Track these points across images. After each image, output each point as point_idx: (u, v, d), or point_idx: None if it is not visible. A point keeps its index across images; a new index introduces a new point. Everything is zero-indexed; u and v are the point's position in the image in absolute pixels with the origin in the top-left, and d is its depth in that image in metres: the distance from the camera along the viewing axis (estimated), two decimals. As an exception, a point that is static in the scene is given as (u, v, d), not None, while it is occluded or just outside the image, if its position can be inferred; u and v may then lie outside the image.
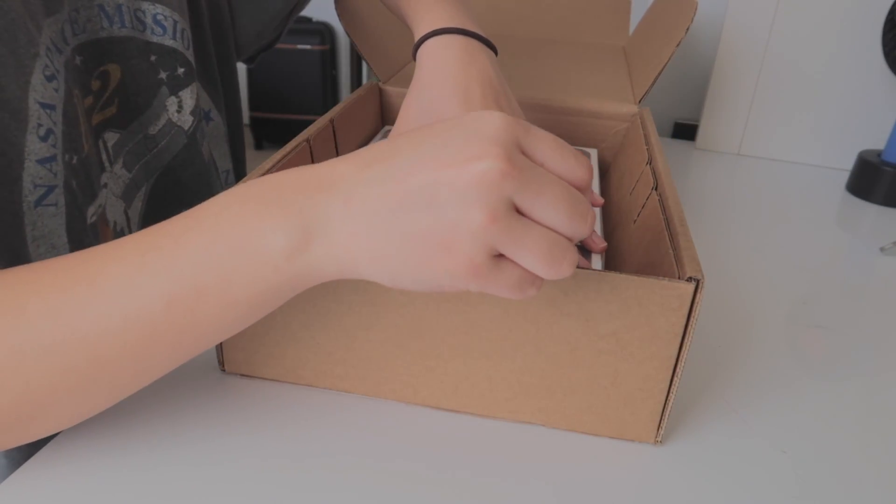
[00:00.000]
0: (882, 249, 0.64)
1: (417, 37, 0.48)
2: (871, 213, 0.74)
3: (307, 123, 0.51)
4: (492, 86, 0.45)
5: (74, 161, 0.43)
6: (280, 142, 2.38)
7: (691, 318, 0.32)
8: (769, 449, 0.38)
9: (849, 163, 0.83)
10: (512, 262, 0.27)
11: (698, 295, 0.32)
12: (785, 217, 0.71)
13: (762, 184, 0.81)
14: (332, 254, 0.27)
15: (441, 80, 0.45)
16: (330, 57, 2.28)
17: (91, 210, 0.46)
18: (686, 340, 0.33)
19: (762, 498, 0.35)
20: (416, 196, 0.26)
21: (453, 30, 0.47)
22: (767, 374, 0.45)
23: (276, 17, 0.60)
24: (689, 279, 0.31)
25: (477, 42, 0.47)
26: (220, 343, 0.39)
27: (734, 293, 0.55)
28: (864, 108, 0.83)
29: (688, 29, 0.57)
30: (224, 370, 0.40)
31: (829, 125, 0.85)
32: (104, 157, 0.49)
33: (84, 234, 0.45)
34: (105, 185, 0.49)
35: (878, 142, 0.83)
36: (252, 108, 2.37)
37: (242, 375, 0.40)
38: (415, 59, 0.48)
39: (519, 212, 0.26)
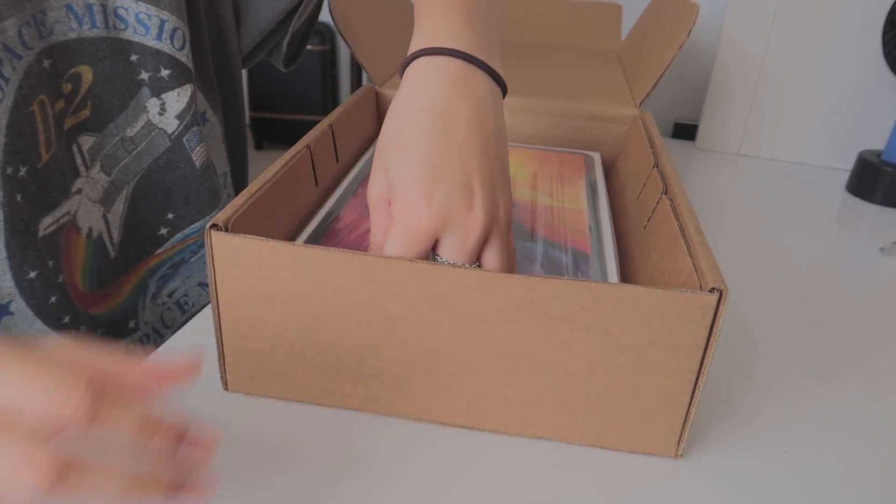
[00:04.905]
0: (882, 249, 0.64)
1: (411, 49, 0.38)
2: (871, 213, 0.74)
3: (307, 123, 0.50)
4: (482, 128, 0.35)
5: (22, 173, 0.41)
6: (280, 142, 2.38)
7: (714, 330, 0.31)
8: (769, 449, 0.38)
9: (849, 163, 0.83)
10: None
11: (721, 306, 0.31)
12: (785, 217, 0.71)
13: (762, 184, 0.81)
14: None
15: (417, 109, 0.35)
16: (330, 57, 2.27)
17: (47, 221, 0.44)
18: (708, 352, 0.32)
19: (767, 500, 0.34)
20: None
21: (452, 52, 0.36)
22: (767, 375, 0.44)
23: (280, 14, 0.59)
24: (712, 290, 0.31)
25: (480, 72, 0.37)
26: (223, 361, 0.38)
27: (734, 293, 0.54)
28: (864, 108, 0.82)
29: (689, 31, 0.56)
30: (227, 389, 0.39)
31: (829, 125, 0.85)
32: (79, 161, 0.48)
33: (30, 247, 0.43)
34: (79, 191, 0.47)
35: (878, 142, 0.82)
36: (252, 108, 2.35)
37: (247, 394, 0.39)
38: (401, 76, 0.38)
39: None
